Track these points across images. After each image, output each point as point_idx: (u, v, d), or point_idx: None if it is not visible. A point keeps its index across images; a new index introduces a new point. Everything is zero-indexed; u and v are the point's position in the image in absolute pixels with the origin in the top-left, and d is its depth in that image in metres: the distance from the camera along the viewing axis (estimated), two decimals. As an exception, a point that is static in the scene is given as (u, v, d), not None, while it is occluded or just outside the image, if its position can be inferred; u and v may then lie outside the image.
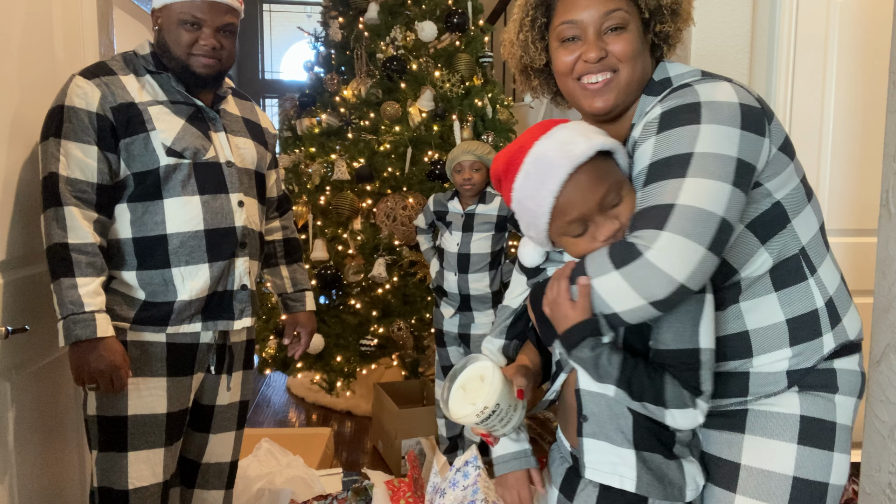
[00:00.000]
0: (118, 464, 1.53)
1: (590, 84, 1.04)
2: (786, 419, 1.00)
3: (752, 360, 1.02)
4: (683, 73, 1.04)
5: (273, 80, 9.03)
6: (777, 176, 0.98)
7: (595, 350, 0.95)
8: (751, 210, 0.98)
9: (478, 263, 2.75)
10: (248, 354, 1.78)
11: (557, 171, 0.95)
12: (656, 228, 0.88)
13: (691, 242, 0.87)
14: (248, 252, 1.66)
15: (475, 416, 1.02)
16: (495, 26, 5.04)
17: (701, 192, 0.88)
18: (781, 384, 1.01)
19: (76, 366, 1.44)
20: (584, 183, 0.95)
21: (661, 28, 1.06)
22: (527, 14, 1.10)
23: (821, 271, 1.03)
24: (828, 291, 1.03)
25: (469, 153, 2.68)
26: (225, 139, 1.65)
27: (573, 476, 1.08)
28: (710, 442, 1.06)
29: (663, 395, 0.93)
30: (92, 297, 1.44)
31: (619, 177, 0.98)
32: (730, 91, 0.95)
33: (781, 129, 1.00)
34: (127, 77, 1.55)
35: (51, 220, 1.45)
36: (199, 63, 1.56)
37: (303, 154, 3.85)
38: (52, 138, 1.47)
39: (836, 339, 1.02)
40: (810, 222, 1.03)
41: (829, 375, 1.01)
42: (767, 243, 1.00)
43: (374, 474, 2.24)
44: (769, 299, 1.01)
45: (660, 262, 0.87)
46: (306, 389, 4.01)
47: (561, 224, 0.98)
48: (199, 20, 1.53)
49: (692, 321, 0.93)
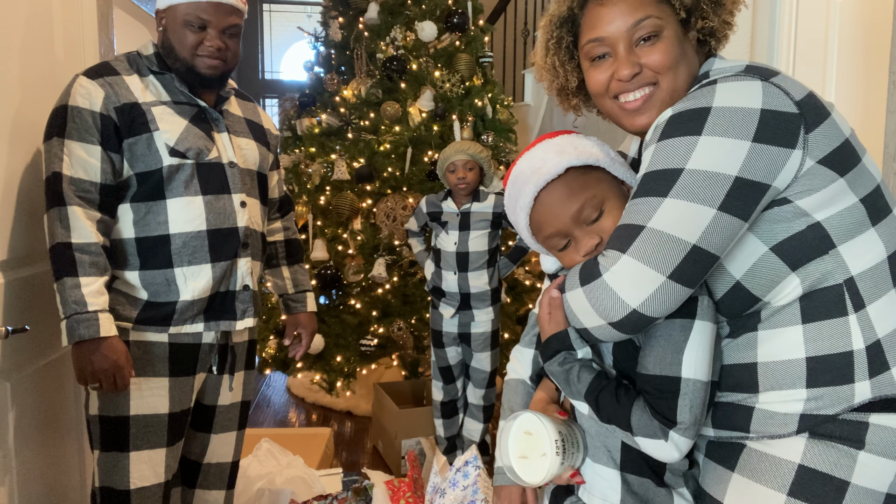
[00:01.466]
0: (120, 464, 1.53)
1: (627, 103, 0.98)
2: (779, 465, 0.89)
3: (757, 395, 0.91)
4: (723, 69, 0.93)
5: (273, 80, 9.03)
6: (814, 192, 0.85)
7: (564, 365, 0.94)
8: (777, 231, 0.87)
9: (477, 261, 2.76)
10: (250, 355, 1.78)
11: (527, 190, 0.96)
12: (619, 250, 0.85)
13: (649, 269, 0.82)
14: (250, 252, 1.66)
15: (556, 455, 0.94)
16: (495, 26, 5.04)
17: (676, 216, 0.83)
18: (790, 427, 0.88)
19: (79, 365, 1.44)
20: (554, 200, 0.95)
21: (704, 24, 0.95)
22: (551, 36, 1.03)
23: (872, 308, 0.87)
24: (875, 333, 0.87)
25: (462, 153, 2.69)
26: (228, 140, 1.65)
27: (562, 492, 1.07)
28: (705, 473, 0.98)
29: (629, 420, 0.89)
30: (95, 296, 1.44)
31: (602, 191, 0.96)
32: (755, 94, 0.84)
33: (834, 137, 0.86)
34: (131, 77, 1.55)
35: (54, 220, 1.45)
36: (205, 64, 1.56)
37: (303, 154, 3.85)
38: (56, 138, 1.47)
39: (876, 391, 0.86)
40: (872, 250, 0.88)
41: (857, 429, 0.86)
42: (800, 269, 0.87)
43: (374, 474, 2.24)
44: (792, 331, 0.88)
45: (614, 286, 0.84)
46: (306, 389, 4.01)
47: (541, 239, 0.99)
48: (205, 21, 1.53)
49: (673, 348, 0.88)
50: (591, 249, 0.94)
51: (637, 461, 0.95)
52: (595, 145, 1.00)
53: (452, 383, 2.94)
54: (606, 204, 0.95)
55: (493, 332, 2.83)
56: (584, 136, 1.03)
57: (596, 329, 0.89)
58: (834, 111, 0.89)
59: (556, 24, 1.03)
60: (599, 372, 0.94)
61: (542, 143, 1.01)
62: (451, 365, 2.91)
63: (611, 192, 0.96)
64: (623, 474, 0.96)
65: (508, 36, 5.76)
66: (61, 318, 1.43)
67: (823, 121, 0.86)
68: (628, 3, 0.95)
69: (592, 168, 0.97)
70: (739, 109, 0.84)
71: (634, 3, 0.94)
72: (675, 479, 0.96)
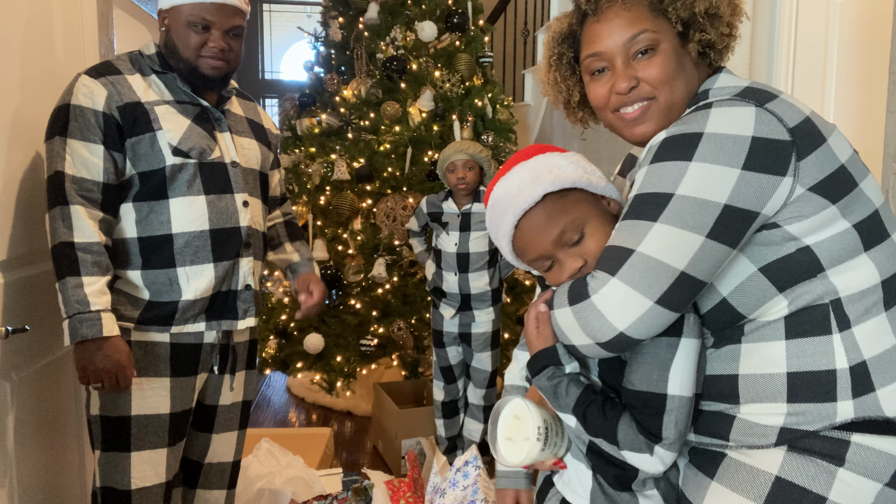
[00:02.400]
0: (121, 464, 1.53)
1: (626, 114, 1.00)
2: (756, 475, 0.89)
3: (738, 406, 0.92)
4: (722, 88, 0.95)
5: (273, 80, 9.03)
6: (805, 219, 0.86)
7: (553, 380, 0.96)
8: (766, 253, 0.88)
9: (477, 262, 2.75)
10: (251, 354, 1.78)
11: (506, 220, 0.97)
12: (609, 273, 0.86)
13: (637, 294, 0.84)
14: (252, 252, 1.66)
15: (536, 440, 0.98)
16: (495, 26, 5.04)
17: (665, 242, 0.84)
18: (770, 439, 0.89)
19: (81, 365, 1.44)
20: (534, 227, 0.96)
21: (702, 37, 0.96)
22: (553, 52, 1.06)
23: (859, 330, 0.88)
24: (861, 354, 0.87)
25: (462, 152, 2.68)
26: (230, 139, 1.65)
27: (548, 484, 1.10)
28: (686, 479, 0.98)
29: (616, 435, 0.91)
30: (97, 296, 1.44)
31: (581, 212, 0.96)
32: (747, 121, 0.85)
33: (827, 163, 0.86)
34: (133, 77, 1.55)
35: (56, 219, 1.45)
36: (208, 65, 1.56)
37: (303, 154, 3.85)
38: (58, 137, 1.47)
39: (860, 411, 0.86)
40: (863, 274, 0.88)
41: (838, 446, 0.86)
42: (787, 291, 0.88)
43: (374, 474, 2.24)
44: (775, 346, 0.89)
45: (602, 309, 0.86)
46: (306, 389, 4.01)
47: (525, 261, 1.01)
48: (209, 22, 1.53)
49: (660, 366, 0.90)
50: (575, 272, 0.95)
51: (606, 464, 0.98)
52: (570, 165, 0.99)
53: (453, 383, 2.94)
54: (587, 226, 0.96)
55: (493, 332, 2.83)
56: (558, 155, 1.01)
57: (583, 347, 0.91)
58: (833, 134, 0.89)
59: (558, 40, 1.06)
60: (587, 386, 0.96)
61: (517, 169, 1.00)
62: (451, 365, 2.91)
63: (591, 213, 0.97)
64: (595, 475, 0.99)
65: (508, 36, 5.76)
66: (63, 317, 1.43)
67: (817, 147, 0.86)
68: (625, 18, 0.96)
69: (570, 190, 0.97)
70: (730, 137, 0.84)
71: (631, 18, 0.96)
72: (642, 482, 0.98)
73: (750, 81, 0.94)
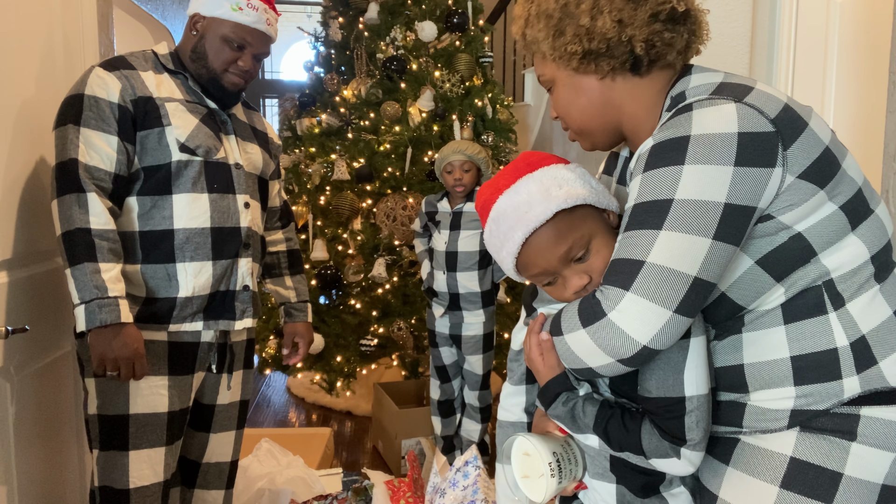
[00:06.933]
0: (119, 463, 1.53)
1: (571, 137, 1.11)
2: (772, 458, 0.90)
3: (748, 394, 0.93)
4: (698, 87, 0.94)
5: (273, 80, 9.04)
6: (797, 207, 0.87)
7: (568, 405, 0.96)
8: (761, 245, 0.89)
9: (466, 261, 2.72)
10: (249, 354, 1.79)
11: (514, 236, 0.95)
12: (622, 287, 0.85)
13: (655, 306, 0.83)
14: (251, 253, 1.67)
15: (551, 476, 0.97)
16: (495, 26, 5.04)
17: (674, 249, 0.84)
18: (781, 422, 0.90)
19: (99, 352, 1.43)
20: (542, 243, 0.94)
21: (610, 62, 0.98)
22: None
23: (852, 305, 0.89)
24: (859, 329, 0.89)
25: (459, 153, 2.65)
26: (235, 142, 1.68)
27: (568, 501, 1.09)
28: (703, 467, 0.99)
29: (641, 445, 0.91)
30: (114, 282, 1.44)
31: (588, 228, 0.95)
32: (730, 117, 0.86)
33: (812, 148, 0.87)
34: (146, 73, 1.57)
35: (72, 205, 1.44)
36: (230, 81, 1.63)
37: (303, 154, 3.86)
38: (71, 125, 1.47)
39: (865, 385, 0.88)
40: (852, 253, 0.90)
41: (848, 421, 0.88)
42: (785, 280, 0.90)
43: (374, 474, 2.24)
44: (775, 332, 0.91)
45: (622, 325, 0.84)
46: (306, 389, 4.01)
47: (527, 276, 0.99)
48: (246, 43, 1.61)
49: (674, 370, 0.89)
50: (580, 289, 0.94)
51: (630, 471, 0.97)
52: (578, 180, 0.97)
53: (448, 383, 2.94)
54: (594, 242, 0.95)
55: (485, 335, 2.80)
56: (563, 167, 1.00)
57: (602, 367, 0.89)
58: (812, 117, 0.90)
59: None
60: (603, 402, 0.95)
61: (525, 183, 0.97)
62: (445, 365, 2.90)
63: (597, 228, 0.96)
64: (619, 486, 0.98)
65: (508, 36, 5.76)
66: (77, 303, 1.41)
67: (801, 133, 0.87)
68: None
69: (578, 206, 0.95)
70: (717, 135, 0.85)
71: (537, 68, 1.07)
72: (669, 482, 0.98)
73: (723, 75, 0.95)
